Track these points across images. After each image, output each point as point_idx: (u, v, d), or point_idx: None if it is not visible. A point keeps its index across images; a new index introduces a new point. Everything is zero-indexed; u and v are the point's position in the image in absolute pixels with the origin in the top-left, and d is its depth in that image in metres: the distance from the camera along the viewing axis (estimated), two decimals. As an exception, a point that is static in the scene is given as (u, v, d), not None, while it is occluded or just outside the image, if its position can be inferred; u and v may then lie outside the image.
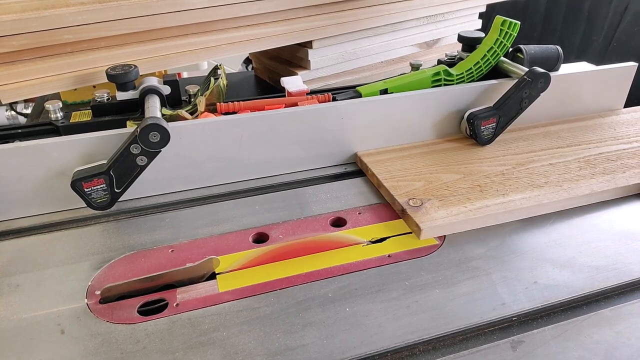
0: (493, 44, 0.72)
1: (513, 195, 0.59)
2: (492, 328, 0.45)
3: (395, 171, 0.65)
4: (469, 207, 0.57)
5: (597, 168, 0.65)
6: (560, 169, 0.65)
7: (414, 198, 0.58)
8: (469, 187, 0.61)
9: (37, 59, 0.66)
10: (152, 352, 0.42)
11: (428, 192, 0.60)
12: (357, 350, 0.42)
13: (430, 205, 0.57)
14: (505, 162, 0.66)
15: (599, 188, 0.60)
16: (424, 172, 0.64)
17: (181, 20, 0.73)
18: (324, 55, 0.92)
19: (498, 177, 0.63)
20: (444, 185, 0.61)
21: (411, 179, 0.63)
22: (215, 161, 0.63)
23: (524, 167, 0.65)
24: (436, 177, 0.63)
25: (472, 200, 0.58)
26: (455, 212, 0.56)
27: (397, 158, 0.68)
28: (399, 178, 0.63)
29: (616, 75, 0.79)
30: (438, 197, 0.59)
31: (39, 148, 0.56)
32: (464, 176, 0.63)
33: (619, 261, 0.51)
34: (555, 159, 0.67)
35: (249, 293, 0.48)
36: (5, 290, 0.49)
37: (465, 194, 0.59)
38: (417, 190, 0.60)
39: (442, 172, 0.64)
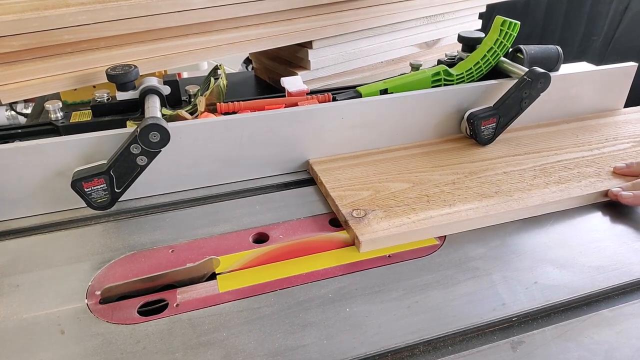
0: (493, 44, 0.72)
1: (460, 206, 0.57)
2: (492, 328, 0.45)
3: (345, 180, 0.63)
4: (413, 218, 0.55)
5: (552, 177, 0.63)
6: (514, 177, 0.63)
7: (358, 209, 0.57)
8: (416, 197, 0.59)
9: (37, 59, 0.66)
10: (152, 352, 0.42)
11: (374, 202, 0.58)
12: (357, 351, 0.42)
13: (373, 216, 0.55)
14: (458, 170, 0.65)
15: (551, 198, 0.58)
16: (373, 181, 0.62)
17: (181, 20, 0.73)
18: (324, 55, 0.92)
19: (448, 187, 0.61)
20: (391, 195, 0.59)
21: (359, 188, 0.61)
22: (215, 161, 0.63)
23: (476, 176, 0.63)
24: (385, 186, 0.61)
25: (417, 211, 0.56)
26: (398, 223, 0.54)
27: (349, 166, 0.66)
28: (346, 187, 0.61)
29: (616, 75, 0.79)
30: (383, 208, 0.57)
31: (38, 148, 0.56)
32: (413, 185, 0.61)
33: (620, 261, 0.51)
34: (510, 167, 0.65)
35: (249, 293, 0.48)
36: (5, 290, 0.48)
37: (411, 204, 0.57)
38: (363, 200, 0.58)
39: (392, 180, 0.62)
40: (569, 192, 0.59)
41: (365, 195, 0.59)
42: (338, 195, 0.59)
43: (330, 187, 0.61)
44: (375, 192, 0.60)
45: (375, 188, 0.61)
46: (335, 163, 0.67)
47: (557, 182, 0.61)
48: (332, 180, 0.63)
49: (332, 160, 0.67)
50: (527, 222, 0.57)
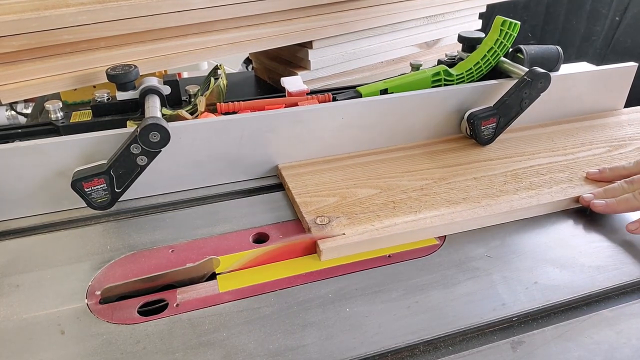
0: (493, 44, 0.72)
1: (425, 213, 0.56)
2: (493, 328, 0.45)
3: (312, 185, 0.61)
4: (377, 225, 0.54)
5: (523, 183, 0.61)
6: (484, 183, 0.61)
7: (322, 215, 0.55)
8: (383, 204, 0.57)
9: (37, 59, 0.66)
10: (152, 352, 0.42)
11: (339, 209, 0.57)
12: (357, 351, 0.42)
13: (337, 223, 0.54)
14: (427, 176, 0.63)
15: (519, 205, 0.57)
16: (341, 187, 0.61)
17: (181, 20, 0.73)
18: (324, 55, 0.92)
19: (416, 193, 0.60)
20: (358, 201, 0.58)
21: (326, 194, 0.59)
22: (215, 161, 0.63)
23: (445, 182, 0.62)
24: (352, 192, 0.60)
25: (382, 218, 0.55)
26: (361, 230, 0.53)
27: (319, 171, 0.65)
28: (313, 193, 0.60)
29: (616, 75, 0.79)
30: (347, 215, 0.55)
31: (38, 148, 0.56)
32: (381, 191, 0.60)
33: (620, 261, 0.51)
34: (481, 173, 0.64)
35: (249, 293, 0.48)
36: (5, 290, 0.48)
37: (377, 210, 0.56)
38: (329, 206, 0.57)
39: (360, 186, 0.61)
40: (539, 199, 0.58)
41: (331, 202, 0.58)
42: (303, 202, 0.58)
43: (297, 193, 0.60)
44: (342, 198, 0.59)
45: (342, 194, 0.60)
46: (304, 168, 0.65)
47: (528, 188, 0.60)
48: (299, 186, 0.61)
49: (302, 165, 0.66)
50: (527, 222, 0.57)
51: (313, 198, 0.59)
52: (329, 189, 0.61)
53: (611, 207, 0.56)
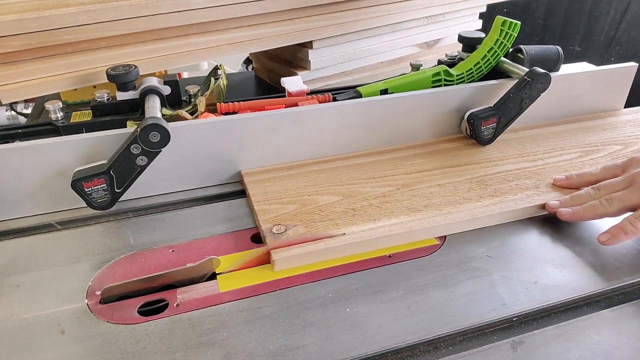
0: (493, 44, 0.72)
1: (385, 221, 0.54)
2: (493, 328, 0.45)
3: (273, 192, 0.60)
4: (334, 233, 0.53)
5: (488, 189, 0.60)
6: (448, 190, 0.60)
7: (279, 224, 0.54)
8: (343, 211, 0.56)
9: (37, 59, 0.66)
10: (153, 352, 0.42)
11: (297, 217, 0.55)
12: (357, 351, 0.42)
13: (293, 232, 0.53)
14: (391, 182, 0.62)
15: (481, 213, 0.56)
16: (302, 194, 0.59)
17: (181, 20, 0.73)
18: (324, 55, 0.92)
19: (377, 200, 0.58)
20: (318, 209, 0.57)
21: (286, 202, 0.58)
22: (215, 161, 0.63)
23: (408, 189, 0.60)
24: (313, 200, 0.58)
25: (340, 226, 0.54)
26: (317, 239, 0.52)
27: (282, 177, 0.63)
28: (273, 200, 0.58)
29: (616, 75, 0.79)
30: (305, 223, 0.54)
31: (38, 148, 0.56)
32: (343, 198, 0.59)
33: (620, 261, 0.51)
34: (446, 179, 0.62)
35: (249, 293, 0.48)
36: (5, 290, 0.48)
37: (336, 218, 0.55)
38: (287, 214, 0.56)
39: (322, 193, 0.60)
40: (502, 207, 0.57)
41: (290, 210, 0.57)
42: (261, 209, 0.56)
43: (256, 201, 0.58)
44: (301, 205, 0.57)
45: (302, 201, 0.58)
46: (268, 174, 0.64)
47: (492, 196, 0.59)
48: (259, 193, 0.60)
49: (265, 171, 0.65)
50: (527, 222, 0.57)
51: (272, 205, 0.57)
52: (290, 196, 0.59)
53: (578, 214, 0.55)
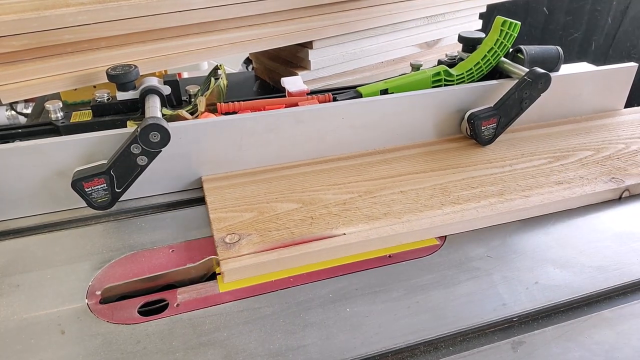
0: (493, 44, 0.72)
1: (342, 229, 0.53)
2: (493, 329, 0.45)
3: (231, 200, 0.58)
4: (288, 244, 0.51)
5: (450, 197, 0.58)
6: (410, 197, 0.58)
7: (233, 233, 0.52)
8: (301, 219, 0.55)
9: (37, 59, 0.66)
10: (153, 352, 0.42)
11: (253, 226, 0.53)
12: (357, 351, 0.42)
13: (247, 242, 0.51)
14: (353, 189, 0.60)
15: (440, 221, 0.54)
16: (261, 201, 0.58)
17: (182, 20, 0.73)
18: (325, 55, 0.92)
19: (337, 207, 0.57)
20: (275, 217, 0.55)
21: (243, 210, 0.56)
22: (215, 161, 0.63)
23: (370, 196, 0.59)
24: (271, 207, 0.57)
25: (295, 236, 0.52)
26: (270, 249, 0.50)
27: (243, 184, 0.62)
28: (230, 208, 0.57)
29: (616, 75, 0.79)
30: (261, 232, 0.52)
31: (38, 148, 0.56)
32: (302, 206, 0.57)
33: (620, 261, 0.51)
34: (409, 186, 0.61)
35: (249, 293, 0.48)
36: (5, 290, 0.48)
37: (292, 227, 0.53)
38: (243, 223, 0.54)
39: (281, 200, 0.58)
40: (462, 215, 0.55)
41: (247, 218, 0.55)
42: (217, 218, 0.55)
43: (213, 208, 0.56)
44: (259, 213, 0.56)
45: (260, 209, 0.56)
46: (229, 180, 0.62)
47: (454, 203, 0.57)
48: (217, 200, 0.58)
49: (227, 177, 0.63)
50: (527, 222, 0.57)
51: (229, 214, 0.56)
52: (249, 203, 0.58)
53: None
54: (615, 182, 0.61)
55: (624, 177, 0.63)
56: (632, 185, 0.61)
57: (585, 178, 0.63)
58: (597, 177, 0.63)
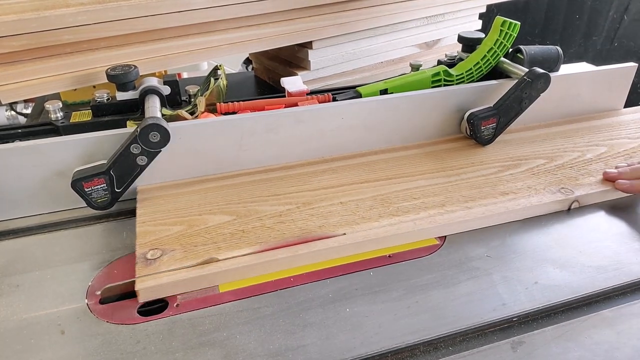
0: (493, 44, 0.72)
1: (264, 246, 0.51)
2: (493, 328, 0.45)
3: (163, 212, 0.55)
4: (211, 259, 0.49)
5: (390, 208, 0.56)
6: (349, 208, 0.56)
7: (156, 248, 0.50)
8: (231, 233, 0.52)
9: (37, 59, 0.66)
10: (152, 352, 0.42)
11: (179, 240, 0.51)
12: (357, 351, 0.42)
13: (169, 257, 0.49)
14: (292, 200, 0.58)
15: (375, 234, 0.52)
16: (193, 213, 0.55)
17: (181, 20, 0.73)
18: (324, 55, 0.92)
19: (272, 220, 0.54)
20: (205, 230, 0.53)
21: (173, 222, 0.54)
22: (215, 161, 0.63)
23: (308, 207, 0.57)
24: (203, 220, 0.54)
25: (222, 251, 0.50)
26: (192, 265, 0.48)
27: (177, 195, 0.59)
28: (160, 221, 0.54)
29: (616, 75, 0.79)
30: (186, 247, 0.50)
31: (38, 148, 0.56)
32: (236, 218, 0.55)
33: (620, 261, 0.51)
34: (350, 197, 0.58)
35: (249, 293, 0.48)
36: (5, 290, 0.48)
37: (220, 241, 0.51)
38: (170, 237, 0.51)
39: (215, 212, 0.56)
40: (399, 228, 0.53)
41: (174, 231, 0.53)
42: (143, 232, 0.52)
43: (141, 221, 0.54)
44: (188, 226, 0.54)
45: (191, 222, 0.54)
46: (165, 191, 0.60)
47: (392, 215, 0.55)
48: (148, 212, 0.55)
49: (163, 187, 0.61)
50: (527, 222, 0.57)
51: (157, 227, 0.53)
52: (180, 215, 0.55)
53: (635, 187, 0.57)
54: (564, 192, 0.59)
55: (574, 187, 0.60)
56: (581, 196, 0.59)
57: (533, 188, 0.60)
58: (546, 187, 0.60)
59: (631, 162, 0.63)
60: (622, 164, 0.63)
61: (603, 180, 0.61)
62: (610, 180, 0.61)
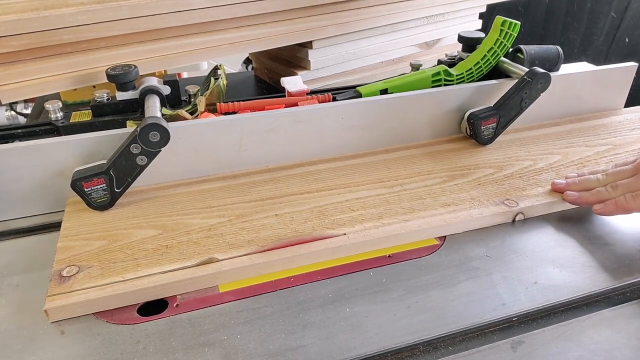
0: (493, 44, 0.72)
1: (194, 260, 0.49)
2: (493, 328, 0.45)
3: (89, 225, 0.53)
4: (129, 276, 0.46)
5: (326, 220, 0.54)
6: (283, 221, 0.54)
7: (74, 264, 0.47)
8: (154, 248, 0.50)
9: (37, 59, 0.66)
10: (152, 352, 0.42)
11: (98, 256, 0.49)
12: (357, 351, 0.42)
13: (85, 275, 0.46)
14: (226, 212, 0.55)
15: (305, 249, 0.50)
16: (119, 227, 0.53)
17: (181, 20, 0.73)
18: (324, 55, 0.92)
19: (200, 234, 0.52)
20: (127, 246, 0.50)
21: (97, 237, 0.52)
22: (215, 161, 0.63)
23: (241, 220, 0.54)
24: (128, 234, 0.52)
25: (140, 268, 0.47)
26: (107, 283, 0.46)
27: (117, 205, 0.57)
28: (83, 235, 0.52)
29: (616, 75, 0.79)
30: (104, 263, 0.48)
31: (38, 148, 0.56)
32: (162, 232, 0.52)
33: (620, 261, 0.51)
34: (288, 208, 0.56)
35: (249, 293, 0.48)
36: (5, 290, 0.48)
37: (142, 257, 0.49)
38: (89, 253, 0.49)
39: (142, 226, 0.53)
40: (330, 242, 0.51)
41: (96, 246, 0.50)
42: (63, 247, 0.50)
43: (64, 235, 0.52)
44: (111, 241, 0.51)
45: (114, 236, 0.52)
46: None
47: (326, 228, 0.53)
48: (74, 225, 0.53)
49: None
50: (527, 222, 0.57)
51: (79, 242, 0.51)
52: (106, 229, 0.53)
53: (583, 199, 0.56)
54: (508, 204, 0.57)
55: (520, 198, 0.58)
56: (526, 207, 0.57)
57: (476, 200, 0.57)
58: (490, 199, 0.58)
59: (581, 172, 0.60)
60: (572, 174, 0.61)
61: (551, 191, 0.59)
62: (559, 191, 0.59)
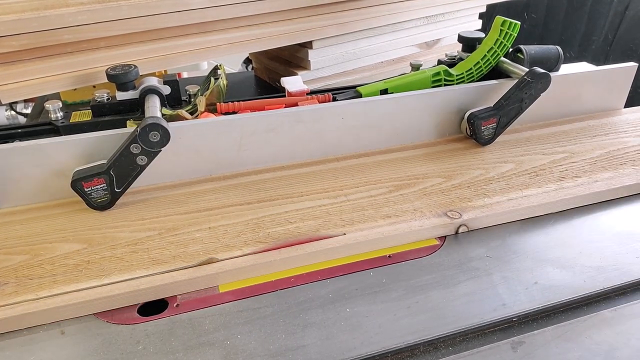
0: (493, 44, 0.72)
1: (115, 277, 0.47)
2: (493, 329, 0.45)
3: (15, 238, 0.52)
4: (44, 294, 0.45)
5: (260, 233, 0.52)
6: (216, 234, 0.52)
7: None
8: (76, 264, 0.48)
9: (37, 59, 0.66)
10: (152, 352, 0.42)
11: (15, 272, 0.47)
12: (357, 351, 0.42)
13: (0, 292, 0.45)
14: (157, 225, 0.54)
15: (232, 265, 0.48)
16: (46, 240, 0.51)
17: (181, 20, 0.73)
18: (324, 55, 0.92)
19: (126, 249, 0.50)
20: (49, 261, 0.49)
21: (19, 251, 0.50)
22: (215, 161, 0.63)
23: (171, 233, 0.52)
24: (52, 248, 0.50)
25: (57, 285, 0.46)
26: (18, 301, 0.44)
27: (39, 218, 0.55)
28: (7, 249, 0.50)
29: (616, 75, 0.79)
30: (19, 280, 0.46)
31: (38, 148, 0.56)
32: (87, 247, 0.50)
33: (620, 261, 0.51)
34: (224, 220, 0.54)
35: (249, 293, 0.48)
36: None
37: (61, 273, 0.47)
38: (8, 268, 0.48)
39: (68, 240, 0.51)
40: (261, 257, 0.50)
41: (16, 261, 0.49)
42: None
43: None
44: (33, 255, 0.49)
45: (37, 250, 0.50)
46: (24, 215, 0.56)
47: (260, 242, 0.51)
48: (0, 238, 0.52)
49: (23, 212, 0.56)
50: (527, 222, 0.57)
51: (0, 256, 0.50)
52: (31, 243, 0.51)
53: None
54: (451, 216, 0.55)
55: (464, 210, 0.56)
56: (469, 219, 0.55)
57: (419, 211, 0.56)
58: (433, 210, 0.56)
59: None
60: None
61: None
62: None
